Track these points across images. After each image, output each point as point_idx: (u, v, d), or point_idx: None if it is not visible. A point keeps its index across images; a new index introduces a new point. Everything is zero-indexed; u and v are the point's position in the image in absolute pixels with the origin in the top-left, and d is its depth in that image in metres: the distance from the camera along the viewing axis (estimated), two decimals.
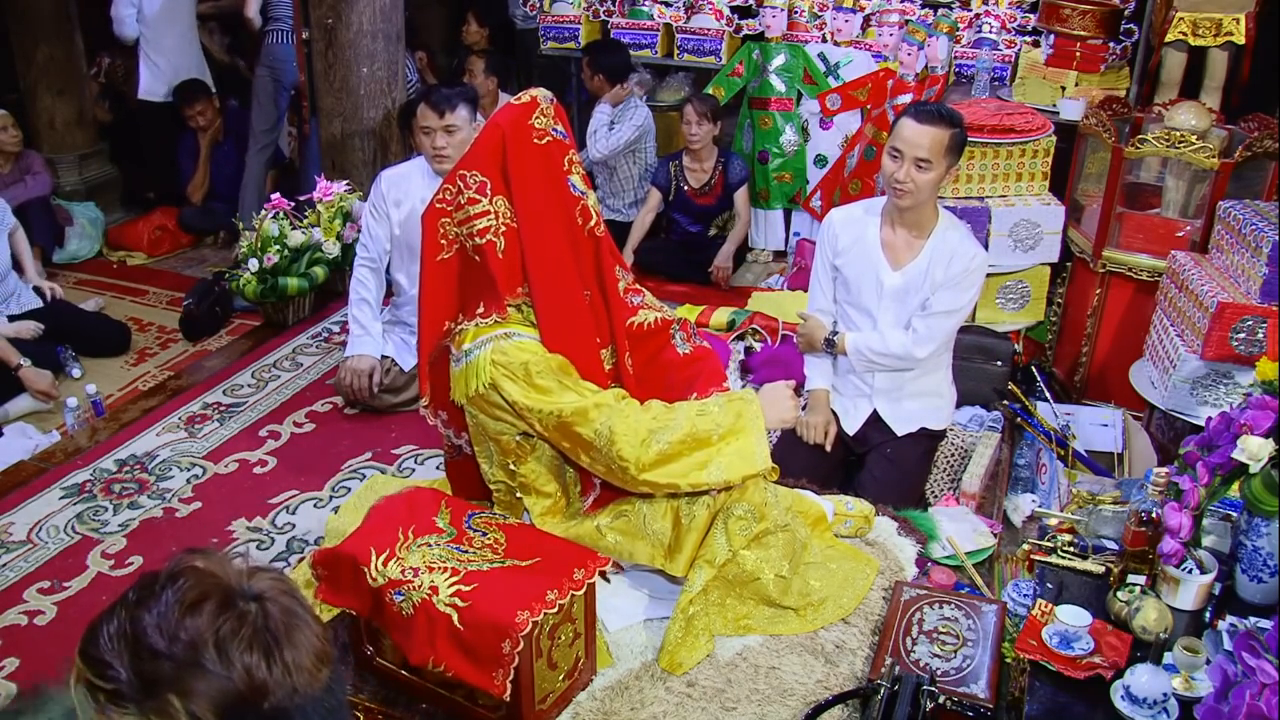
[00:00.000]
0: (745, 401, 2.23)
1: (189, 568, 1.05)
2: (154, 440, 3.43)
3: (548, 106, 2.25)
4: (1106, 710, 1.88)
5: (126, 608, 1.02)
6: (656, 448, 2.13)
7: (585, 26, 5.54)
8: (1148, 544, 2.15)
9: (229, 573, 1.05)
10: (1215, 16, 3.97)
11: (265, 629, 1.01)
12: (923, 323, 2.88)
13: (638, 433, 2.13)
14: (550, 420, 2.16)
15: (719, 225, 4.89)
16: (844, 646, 2.35)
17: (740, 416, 2.20)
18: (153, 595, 1.02)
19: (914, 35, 4.30)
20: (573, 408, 2.13)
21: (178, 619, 1.00)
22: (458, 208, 2.23)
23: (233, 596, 1.02)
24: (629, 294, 2.45)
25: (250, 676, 0.99)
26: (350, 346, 3.55)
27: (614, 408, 2.15)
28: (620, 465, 2.14)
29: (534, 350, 2.18)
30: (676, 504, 2.30)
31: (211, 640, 0.99)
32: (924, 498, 2.99)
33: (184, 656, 0.98)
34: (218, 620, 1.00)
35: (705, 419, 2.18)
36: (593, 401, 2.15)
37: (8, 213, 4.35)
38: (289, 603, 1.05)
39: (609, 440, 2.12)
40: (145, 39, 5.40)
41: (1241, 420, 2.11)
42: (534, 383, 2.15)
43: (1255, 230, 3.03)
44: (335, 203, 4.23)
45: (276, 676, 1.00)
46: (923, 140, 2.71)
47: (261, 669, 0.99)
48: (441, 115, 3.35)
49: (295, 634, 1.03)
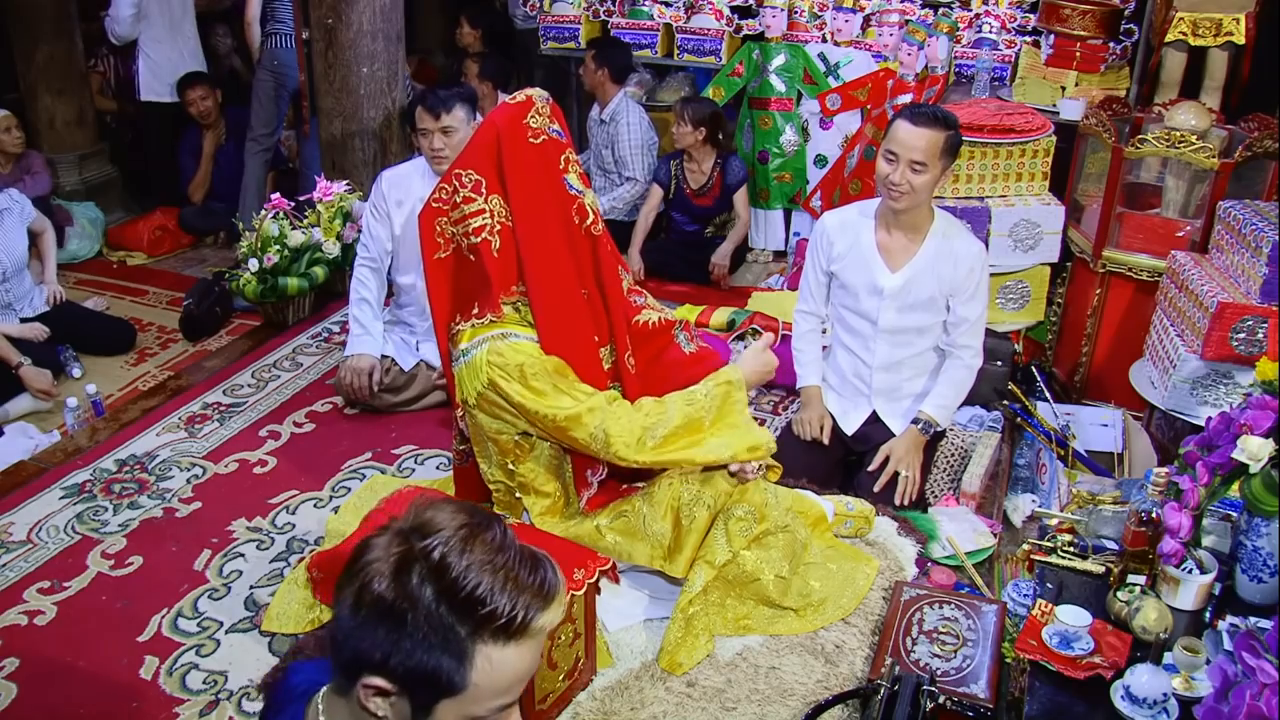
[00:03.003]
0: (731, 384, 2.27)
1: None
2: (154, 440, 3.42)
3: (543, 106, 2.25)
4: (1106, 710, 1.88)
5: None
6: (652, 443, 2.16)
7: (585, 26, 5.54)
8: (1148, 544, 2.15)
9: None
10: (1215, 16, 3.97)
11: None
12: (962, 337, 2.93)
13: (632, 432, 2.15)
14: (547, 423, 2.17)
15: (717, 225, 4.89)
16: (844, 646, 2.35)
17: (727, 398, 2.24)
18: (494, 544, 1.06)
19: (914, 35, 4.30)
20: (566, 414, 2.14)
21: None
22: (453, 207, 2.23)
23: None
24: (631, 294, 2.45)
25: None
26: (350, 346, 3.55)
27: (607, 410, 2.16)
28: (622, 463, 2.18)
29: (530, 352, 2.18)
30: (677, 505, 2.30)
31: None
32: (924, 498, 2.99)
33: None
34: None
35: (694, 406, 2.22)
36: (586, 406, 2.16)
37: (28, 204, 4.34)
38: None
39: (604, 443, 2.14)
40: (145, 38, 5.41)
41: (1241, 420, 2.11)
42: (529, 384, 2.15)
43: (1255, 230, 3.03)
44: (335, 203, 4.23)
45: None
46: (918, 142, 2.70)
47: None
48: (438, 117, 3.35)
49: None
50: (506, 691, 1.07)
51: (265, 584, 2.74)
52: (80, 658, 2.49)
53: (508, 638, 1.04)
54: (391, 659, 1.03)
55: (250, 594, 2.71)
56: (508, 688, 1.07)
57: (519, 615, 1.03)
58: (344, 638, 1.06)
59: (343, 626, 1.06)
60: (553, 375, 2.18)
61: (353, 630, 1.05)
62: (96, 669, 2.46)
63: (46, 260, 4.47)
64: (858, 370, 3.05)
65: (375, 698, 1.06)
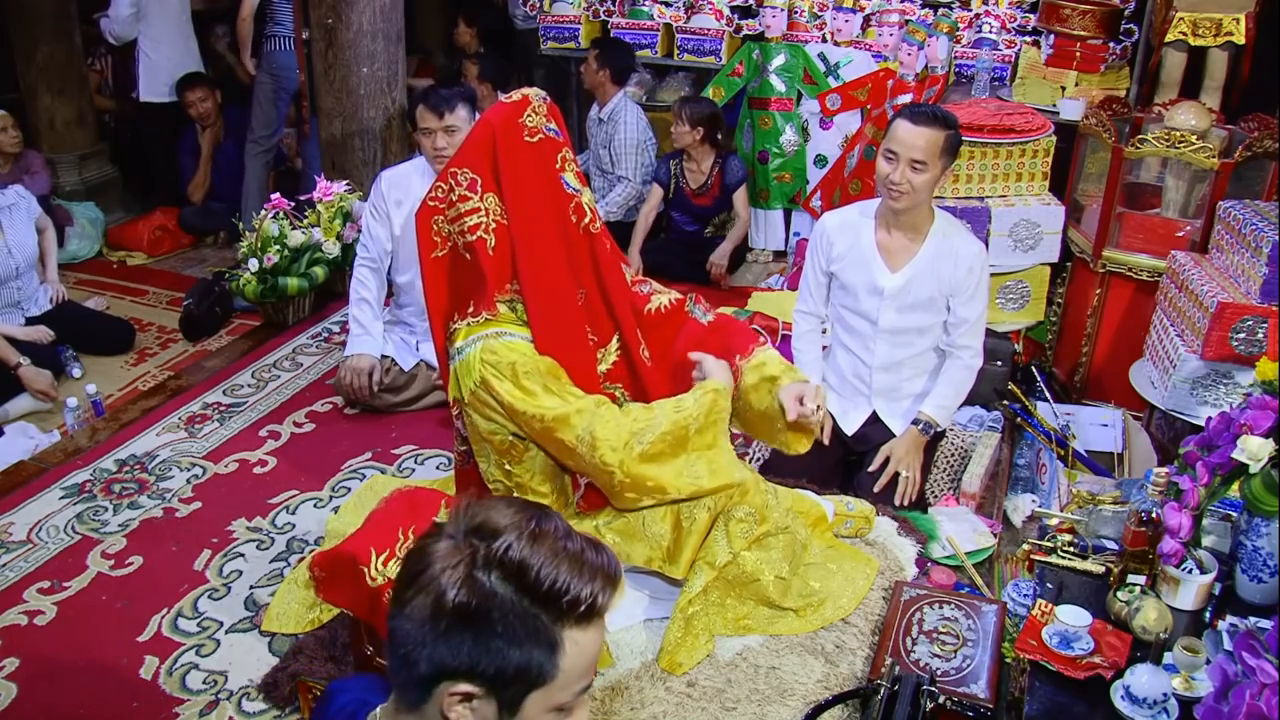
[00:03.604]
0: (718, 392, 2.25)
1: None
2: (154, 440, 3.42)
3: (540, 105, 2.25)
4: (1106, 710, 1.88)
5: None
6: (639, 449, 2.15)
7: (585, 26, 5.54)
8: (1148, 544, 2.15)
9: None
10: (1215, 16, 3.97)
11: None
12: (962, 337, 2.93)
13: (620, 435, 2.14)
14: (535, 424, 2.16)
15: (717, 225, 4.89)
16: (844, 646, 2.35)
17: (713, 407, 2.23)
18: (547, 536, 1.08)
19: (914, 35, 4.30)
20: (554, 414, 2.14)
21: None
22: (449, 205, 2.23)
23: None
24: (636, 284, 2.45)
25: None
26: (350, 346, 3.55)
27: (594, 413, 2.15)
28: (605, 470, 2.15)
29: (523, 351, 2.18)
30: (677, 506, 2.30)
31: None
32: (924, 498, 2.99)
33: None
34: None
35: (682, 414, 2.21)
36: (574, 407, 2.15)
37: (33, 201, 4.34)
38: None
39: (591, 445, 2.13)
40: (144, 38, 5.41)
41: (1241, 420, 2.11)
42: (520, 384, 2.15)
43: (1255, 230, 3.03)
44: (335, 203, 4.23)
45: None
46: (918, 141, 2.70)
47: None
48: (441, 116, 3.35)
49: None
50: (586, 672, 1.10)
51: (265, 584, 2.74)
52: (80, 658, 2.49)
53: (589, 620, 1.08)
54: (481, 662, 1.04)
55: (250, 594, 2.71)
56: (587, 668, 1.10)
57: (597, 597, 1.07)
58: (418, 651, 1.05)
59: (412, 640, 1.05)
60: (544, 376, 2.17)
61: (431, 642, 1.04)
62: (96, 669, 2.46)
63: (48, 258, 4.47)
64: (857, 370, 3.05)
65: (460, 705, 1.07)
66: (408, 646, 1.06)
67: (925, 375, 3.04)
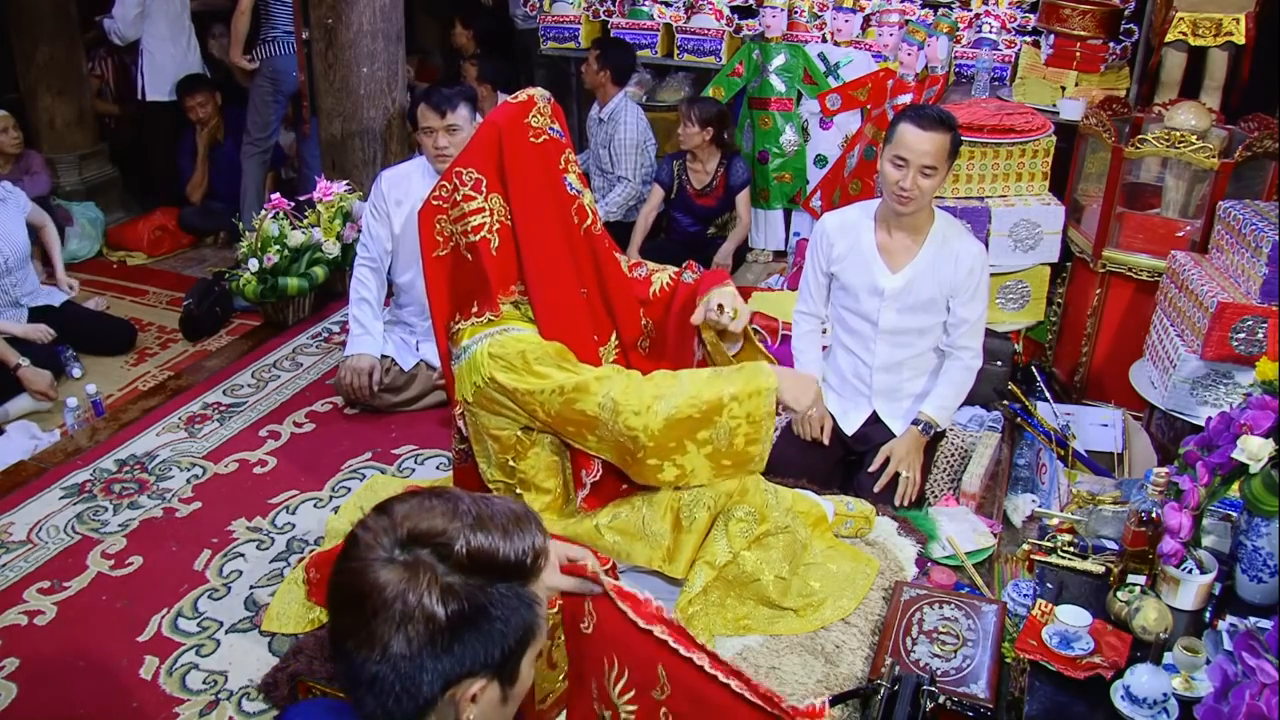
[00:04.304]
0: (759, 370, 2.19)
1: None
2: (154, 440, 3.43)
3: (544, 105, 2.25)
4: (1106, 710, 1.88)
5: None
6: (664, 412, 2.11)
7: (585, 26, 5.54)
8: (1148, 544, 2.15)
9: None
10: (1215, 16, 3.97)
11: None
12: (962, 338, 2.93)
13: (642, 399, 2.11)
14: (554, 401, 2.13)
15: (719, 225, 4.89)
16: (844, 646, 2.35)
17: (755, 376, 2.17)
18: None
19: (914, 35, 4.30)
20: (575, 381, 2.12)
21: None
22: (453, 205, 2.23)
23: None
24: (633, 270, 2.45)
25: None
26: (350, 346, 3.55)
27: (614, 379, 2.13)
28: (629, 436, 2.12)
29: (530, 339, 2.17)
30: (677, 506, 2.29)
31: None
32: (924, 498, 2.99)
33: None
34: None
35: (715, 383, 2.14)
36: (593, 375, 2.14)
37: (23, 196, 4.34)
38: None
39: (614, 411, 2.11)
40: (148, 37, 5.41)
41: (1241, 420, 2.11)
42: (533, 369, 2.14)
43: (1255, 230, 3.03)
44: (335, 203, 4.23)
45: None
46: (928, 147, 2.70)
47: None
48: (443, 115, 3.35)
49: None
50: (550, 604, 1.17)
51: (265, 584, 2.74)
52: (80, 658, 2.49)
53: (545, 561, 1.14)
54: (488, 654, 1.06)
55: (250, 594, 2.71)
56: (549, 600, 1.17)
57: (540, 537, 1.13)
58: (419, 678, 1.04)
59: (408, 672, 1.03)
60: (555, 358, 2.17)
61: (433, 663, 1.03)
62: (96, 669, 2.46)
63: (52, 251, 4.47)
64: (858, 371, 3.05)
65: (472, 702, 1.08)
66: (404, 681, 1.04)
67: (925, 375, 3.04)
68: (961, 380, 2.97)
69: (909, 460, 2.92)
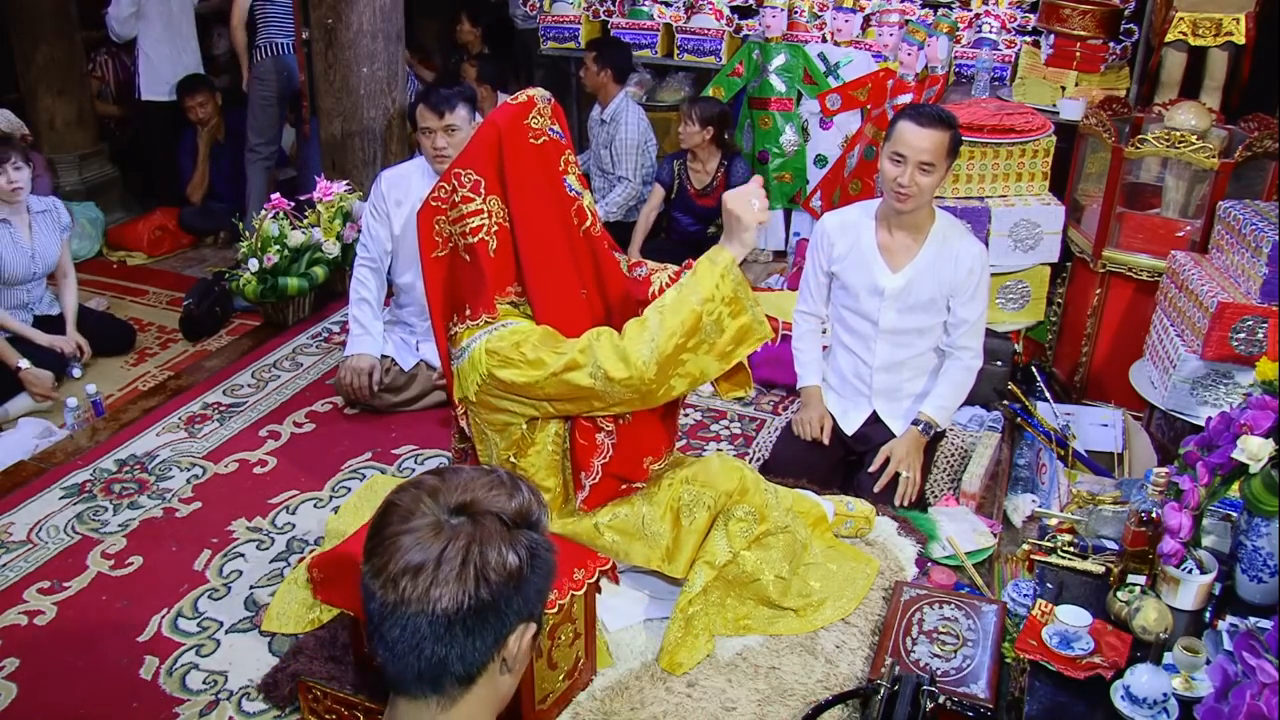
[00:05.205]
0: (711, 258, 2.23)
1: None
2: (154, 440, 3.42)
3: (545, 106, 2.25)
4: (1106, 710, 1.88)
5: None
6: (653, 358, 2.10)
7: (585, 26, 5.54)
8: (1148, 544, 2.15)
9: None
10: (1215, 16, 3.97)
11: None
12: (962, 338, 2.93)
13: (626, 357, 2.10)
14: (550, 383, 2.13)
15: (719, 225, 4.89)
16: (844, 646, 2.35)
17: (711, 268, 2.22)
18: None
19: (914, 35, 4.30)
20: (564, 362, 2.12)
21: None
22: (451, 206, 2.23)
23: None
24: (633, 269, 2.45)
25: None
26: (350, 346, 3.55)
27: (593, 346, 2.13)
28: (630, 390, 2.12)
29: (524, 329, 2.17)
30: (677, 506, 2.30)
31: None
32: (924, 498, 2.99)
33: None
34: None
35: (683, 302, 2.16)
36: (578, 349, 2.13)
37: (64, 214, 4.29)
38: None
39: (605, 376, 2.10)
40: (144, 37, 5.41)
41: (1241, 420, 2.11)
42: (528, 359, 2.13)
43: (1255, 230, 3.03)
44: (335, 203, 4.23)
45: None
46: (926, 144, 2.71)
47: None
48: (441, 116, 3.35)
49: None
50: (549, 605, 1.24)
51: (265, 584, 2.74)
52: (80, 658, 2.49)
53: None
54: (540, 593, 1.17)
55: (250, 594, 2.71)
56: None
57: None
58: (501, 611, 1.12)
59: (488, 614, 1.11)
60: (547, 341, 2.16)
61: (507, 603, 1.12)
62: (96, 669, 2.46)
63: (66, 306, 4.31)
64: (858, 371, 3.05)
65: (528, 647, 1.19)
66: (488, 616, 1.12)
67: (925, 375, 3.04)
68: (961, 380, 2.97)
69: (909, 460, 2.92)
